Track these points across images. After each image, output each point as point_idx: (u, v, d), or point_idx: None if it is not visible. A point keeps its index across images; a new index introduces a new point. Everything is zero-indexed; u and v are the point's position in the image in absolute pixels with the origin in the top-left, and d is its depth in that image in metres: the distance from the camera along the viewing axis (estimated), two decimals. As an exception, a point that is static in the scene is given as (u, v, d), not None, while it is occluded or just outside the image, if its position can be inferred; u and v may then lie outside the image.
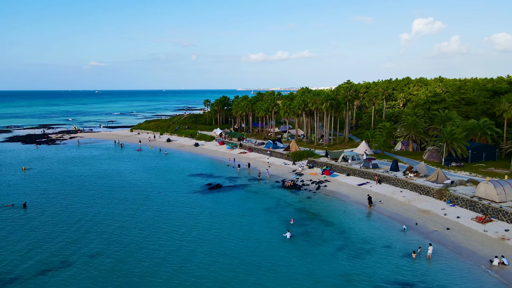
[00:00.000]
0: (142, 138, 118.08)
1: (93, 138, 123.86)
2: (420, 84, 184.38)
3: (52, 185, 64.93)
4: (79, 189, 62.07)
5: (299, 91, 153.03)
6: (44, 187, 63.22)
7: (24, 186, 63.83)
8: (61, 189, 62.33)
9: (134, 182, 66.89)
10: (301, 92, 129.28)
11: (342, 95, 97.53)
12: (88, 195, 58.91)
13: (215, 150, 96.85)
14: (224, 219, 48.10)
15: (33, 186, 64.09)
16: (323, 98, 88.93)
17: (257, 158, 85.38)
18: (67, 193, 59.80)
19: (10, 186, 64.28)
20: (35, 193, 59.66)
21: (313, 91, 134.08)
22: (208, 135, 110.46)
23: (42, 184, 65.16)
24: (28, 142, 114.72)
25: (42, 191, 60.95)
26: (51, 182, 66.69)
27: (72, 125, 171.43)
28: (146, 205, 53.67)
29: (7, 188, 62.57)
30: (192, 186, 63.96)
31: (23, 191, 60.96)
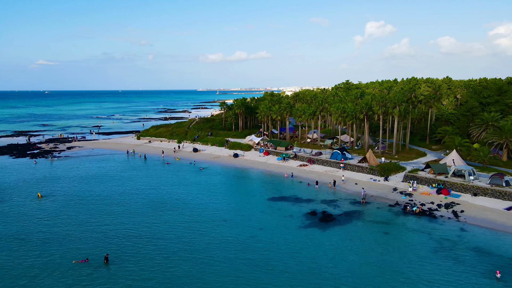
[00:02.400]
0: (164, 148, 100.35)
1: (97, 149, 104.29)
2: (429, 85, 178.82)
3: (96, 219, 47.68)
4: (140, 224, 45.38)
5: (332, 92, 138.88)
6: (90, 223, 45.91)
7: (61, 224, 46.12)
8: (111, 224, 45.41)
9: (201, 208, 50.99)
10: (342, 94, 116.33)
11: (401, 97, 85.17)
12: (160, 233, 42.54)
13: (264, 162, 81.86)
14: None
15: (72, 222, 46.51)
16: (397, 101, 76.62)
17: (327, 173, 71.60)
18: (127, 231, 43.10)
19: (42, 228, 46.31)
20: (88, 236, 42.40)
21: (350, 93, 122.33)
22: (243, 144, 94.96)
23: (81, 217, 47.67)
24: (19, 155, 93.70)
25: (93, 232, 43.70)
26: (90, 214, 49.43)
27: (52, 131, 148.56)
28: (249, 250, 38.41)
29: (43, 232, 44.63)
30: (290, 218, 49.32)
31: (69, 232, 43.42)
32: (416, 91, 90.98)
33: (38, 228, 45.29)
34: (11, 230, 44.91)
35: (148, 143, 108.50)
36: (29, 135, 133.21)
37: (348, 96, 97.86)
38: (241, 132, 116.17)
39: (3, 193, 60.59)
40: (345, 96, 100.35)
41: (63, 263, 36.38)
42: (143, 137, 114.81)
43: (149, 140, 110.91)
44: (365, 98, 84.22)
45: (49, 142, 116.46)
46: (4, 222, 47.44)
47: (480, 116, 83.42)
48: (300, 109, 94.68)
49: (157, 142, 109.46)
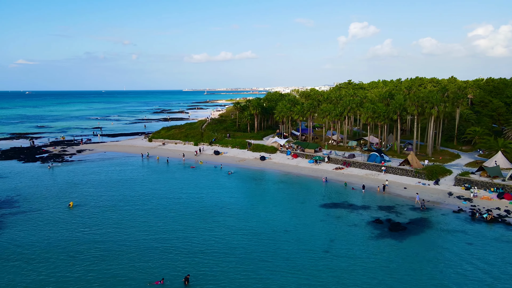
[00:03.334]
0: (180, 150, 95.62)
1: (109, 152, 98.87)
2: (435, 85, 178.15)
3: (148, 230, 43.18)
4: (202, 236, 41.09)
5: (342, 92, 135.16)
6: (144, 235, 41.41)
7: (110, 237, 41.48)
8: (170, 237, 40.98)
9: (256, 217, 47.01)
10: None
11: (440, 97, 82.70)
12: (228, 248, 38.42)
13: (295, 165, 78.11)
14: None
15: (123, 234, 41.92)
16: (435, 101, 73.91)
17: (368, 176, 68.38)
18: (190, 244, 38.81)
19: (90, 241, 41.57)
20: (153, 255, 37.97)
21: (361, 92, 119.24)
22: (267, 146, 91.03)
23: (129, 228, 43.10)
24: (28, 160, 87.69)
25: (153, 246, 39.24)
26: (138, 225, 44.86)
27: (51, 133, 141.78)
28: (336, 267, 34.72)
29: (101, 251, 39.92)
30: (356, 227, 45.93)
31: (123, 247, 38.84)
32: (448, 91, 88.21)
33: (85, 243, 40.51)
34: (55, 245, 40.05)
35: (162, 146, 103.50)
36: (30, 137, 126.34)
37: (347, 96, 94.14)
38: (257, 133, 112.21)
39: (30, 202, 55.38)
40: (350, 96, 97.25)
41: (133, 284, 31.93)
42: (155, 139, 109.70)
43: (163, 143, 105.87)
44: (398, 98, 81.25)
45: (55, 145, 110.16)
46: (43, 236, 42.53)
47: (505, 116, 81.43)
48: (325, 110, 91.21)
49: (172, 144, 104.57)
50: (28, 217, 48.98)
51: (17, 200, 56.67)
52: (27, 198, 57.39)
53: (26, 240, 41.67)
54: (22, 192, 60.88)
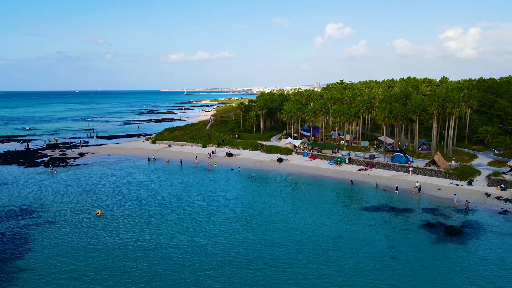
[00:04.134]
0: (186, 152, 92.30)
1: (112, 155, 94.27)
2: (427, 84, 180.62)
3: (200, 243, 40.26)
4: (260, 247, 38.61)
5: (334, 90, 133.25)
6: (197, 248, 38.52)
7: (162, 252, 38.39)
8: (228, 250, 38.26)
9: (299, 222, 44.85)
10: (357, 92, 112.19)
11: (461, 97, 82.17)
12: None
13: (316, 167, 76.25)
14: None
15: (174, 247, 38.88)
16: (457, 100, 73.63)
17: (395, 177, 67.31)
18: (251, 255, 36.22)
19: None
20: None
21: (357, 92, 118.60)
22: (281, 147, 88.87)
23: (179, 240, 40.07)
24: (29, 165, 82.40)
25: (217, 261, 36.46)
26: (185, 236, 41.80)
27: (41, 135, 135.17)
28: (413, 277, 33.05)
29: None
30: (409, 231, 44.45)
31: (181, 262, 35.86)
32: (465, 91, 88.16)
33: (135, 254, 37.22)
34: (102, 258, 36.61)
35: (168, 148, 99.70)
36: (22, 140, 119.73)
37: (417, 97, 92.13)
38: (263, 134, 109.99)
39: (51, 211, 51.26)
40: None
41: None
42: (159, 141, 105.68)
43: (168, 145, 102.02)
44: (416, 98, 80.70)
45: (52, 148, 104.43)
46: (83, 248, 38.89)
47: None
48: (339, 110, 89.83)
49: (178, 146, 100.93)
50: (56, 228, 45.11)
51: (36, 209, 52.42)
52: (46, 207, 53.19)
53: (67, 253, 38.05)
54: (37, 200, 56.50)
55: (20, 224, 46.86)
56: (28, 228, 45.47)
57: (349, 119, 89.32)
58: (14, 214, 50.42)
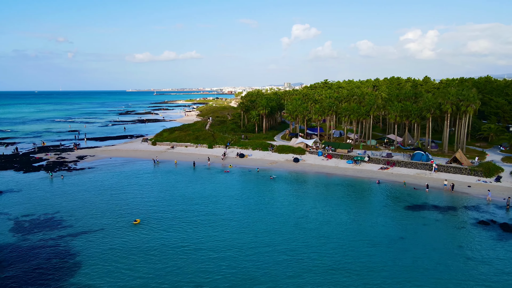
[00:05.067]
0: (203, 154, 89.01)
1: (114, 157, 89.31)
2: (411, 84, 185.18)
3: (268, 250, 38.07)
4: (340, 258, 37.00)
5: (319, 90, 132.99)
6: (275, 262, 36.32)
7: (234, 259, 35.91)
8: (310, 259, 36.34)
9: (348, 225, 43.61)
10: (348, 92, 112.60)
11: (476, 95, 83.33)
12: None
13: (335, 167, 75.36)
14: None
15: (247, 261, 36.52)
16: (472, 99, 75.01)
17: (420, 175, 67.64)
18: (306, 261, 34.58)
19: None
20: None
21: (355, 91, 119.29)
22: (294, 147, 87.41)
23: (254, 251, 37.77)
24: (28, 169, 76.65)
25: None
26: (253, 248, 39.50)
27: (23, 138, 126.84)
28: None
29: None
30: (466, 230, 44.37)
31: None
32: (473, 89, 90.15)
33: (200, 270, 34.51)
34: (162, 274, 33.69)
35: (172, 149, 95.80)
36: (6, 143, 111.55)
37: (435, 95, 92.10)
38: (266, 133, 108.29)
39: (80, 220, 47.23)
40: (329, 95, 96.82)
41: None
42: (159, 143, 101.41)
43: (171, 146, 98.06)
44: (428, 96, 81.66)
45: (45, 151, 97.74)
46: (139, 264, 35.69)
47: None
48: (348, 109, 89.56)
49: (182, 147, 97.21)
50: (97, 238, 41.45)
51: (62, 218, 48.16)
52: (72, 215, 49.02)
53: (124, 267, 34.73)
54: (57, 207, 52.05)
55: (53, 235, 42.70)
56: (65, 239, 41.47)
57: (359, 118, 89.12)
58: (40, 224, 46.00)
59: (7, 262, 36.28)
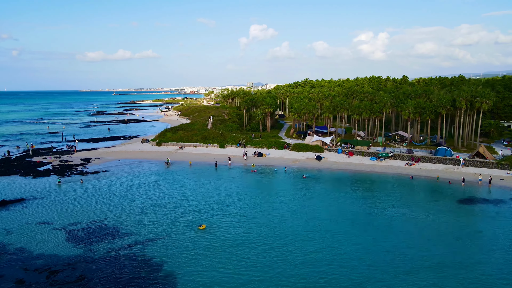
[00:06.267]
0: (217, 154, 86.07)
1: (123, 159, 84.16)
2: (391, 83, 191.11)
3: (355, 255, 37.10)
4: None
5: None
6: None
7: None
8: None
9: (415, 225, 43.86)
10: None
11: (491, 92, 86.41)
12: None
13: (360, 164, 75.66)
14: None
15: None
16: (487, 95, 78.13)
17: (448, 170, 69.54)
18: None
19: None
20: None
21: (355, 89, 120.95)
22: (311, 145, 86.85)
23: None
24: (36, 174, 70.50)
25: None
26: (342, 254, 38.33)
27: (4, 141, 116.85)
28: None
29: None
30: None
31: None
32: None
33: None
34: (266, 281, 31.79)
35: (181, 150, 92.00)
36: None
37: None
38: (271, 132, 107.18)
39: (138, 227, 43.81)
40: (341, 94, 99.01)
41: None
42: (164, 143, 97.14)
43: (180, 146, 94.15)
44: (440, 93, 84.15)
45: (41, 155, 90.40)
46: (237, 275, 33.45)
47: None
48: (360, 106, 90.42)
49: (191, 148, 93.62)
50: (166, 245, 38.61)
51: (115, 225, 44.50)
52: (123, 221, 45.38)
53: (219, 277, 32.37)
54: (102, 215, 47.96)
55: (120, 244, 39.11)
56: (136, 248, 38.11)
57: (371, 116, 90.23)
58: (96, 233, 42.05)
59: (92, 275, 32.63)
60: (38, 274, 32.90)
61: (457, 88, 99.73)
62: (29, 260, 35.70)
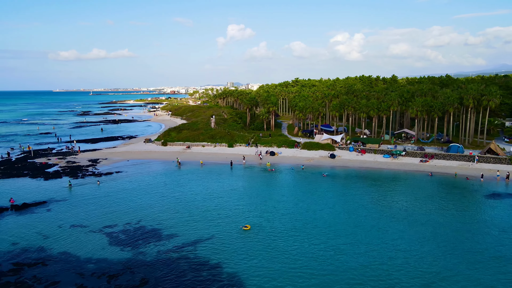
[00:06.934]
0: (224, 153, 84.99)
1: (132, 159, 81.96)
2: (381, 82, 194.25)
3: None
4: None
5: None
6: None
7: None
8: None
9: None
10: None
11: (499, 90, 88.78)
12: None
13: (375, 161, 76.26)
14: None
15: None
16: (495, 93, 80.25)
17: (462, 166, 70.95)
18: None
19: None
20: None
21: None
22: (322, 143, 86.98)
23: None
24: (46, 177, 67.63)
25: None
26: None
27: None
28: None
29: None
30: None
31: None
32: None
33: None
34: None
35: (188, 149, 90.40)
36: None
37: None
38: (275, 131, 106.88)
39: (178, 227, 42.55)
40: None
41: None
42: (170, 143, 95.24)
43: (187, 146, 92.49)
44: (447, 92, 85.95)
45: (43, 156, 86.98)
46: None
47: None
48: (369, 105, 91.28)
49: (198, 147, 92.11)
50: (215, 247, 37.61)
51: (155, 227, 43.18)
52: (161, 223, 44.12)
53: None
54: (137, 216, 46.43)
55: (167, 246, 37.89)
56: (188, 250, 36.99)
57: (379, 114, 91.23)
58: (138, 235, 40.65)
59: (154, 278, 31.41)
60: (97, 279, 31.36)
61: (455, 87, 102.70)
62: (80, 264, 34.03)
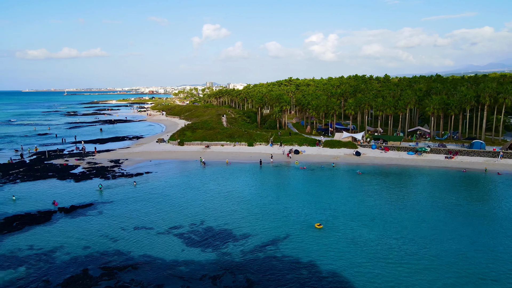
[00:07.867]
0: (244, 152, 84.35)
1: (154, 160, 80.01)
2: (374, 81, 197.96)
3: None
4: None
5: None
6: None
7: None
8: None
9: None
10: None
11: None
12: None
13: (401, 158, 77.27)
14: None
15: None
16: (511, 91, 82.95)
17: (487, 162, 72.80)
18: None
19: None
20: None
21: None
22: (344, 141, 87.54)
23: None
24: (77, 178, 65.11)
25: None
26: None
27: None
28: None
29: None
30: None
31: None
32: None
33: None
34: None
35: (208, 149, 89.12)
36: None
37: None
38: (288, 129, 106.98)
39: (248, 227, 41.78)
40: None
41: None
42: (187, 142, 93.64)
43: (206, 145, 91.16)
44: (464, 90, 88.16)
45: (58, 157, 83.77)
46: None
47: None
48: (386, 103, 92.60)
49: (217, 146, 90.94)
50: (295, 246, 37.16)
51: (222, 228, 42.16)
52: (227, 223, 43.22)
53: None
54: (198, 218, 45.32)
55: (249, 247, 37.06)
56: (272, 250, 36.38)
57: (395, 112, 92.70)
58: (210, 237, 39.64)
59: (257, 279, 30.71)
60: (199, 281, 30.33)
61: (454, 86, 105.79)
62: (170, 267, 32.85)
